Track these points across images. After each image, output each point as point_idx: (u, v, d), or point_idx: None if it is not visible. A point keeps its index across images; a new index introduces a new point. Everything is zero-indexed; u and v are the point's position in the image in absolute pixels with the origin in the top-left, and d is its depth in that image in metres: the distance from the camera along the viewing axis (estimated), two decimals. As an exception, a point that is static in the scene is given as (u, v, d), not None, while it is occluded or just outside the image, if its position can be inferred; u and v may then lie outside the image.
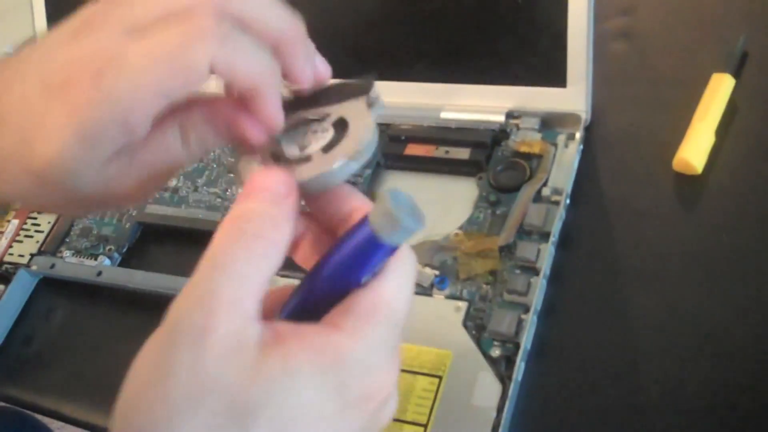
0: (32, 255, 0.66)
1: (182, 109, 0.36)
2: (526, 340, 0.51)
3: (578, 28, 0.57)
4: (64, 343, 0.63)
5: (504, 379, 0.49)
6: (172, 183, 0.66)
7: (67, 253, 0.65)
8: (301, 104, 0.40)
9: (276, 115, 0.36)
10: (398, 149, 0.63)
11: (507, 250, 0.55)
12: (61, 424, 0.61)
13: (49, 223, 0.67)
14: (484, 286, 0.54)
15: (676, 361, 0.49)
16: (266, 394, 0.30)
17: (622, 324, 0.52)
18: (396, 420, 0.49)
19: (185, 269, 0.58)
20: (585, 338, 0.52)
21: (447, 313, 0.53)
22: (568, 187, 0.57)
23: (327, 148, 0.38)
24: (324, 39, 0.68)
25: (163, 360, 0.29)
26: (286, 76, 0.38)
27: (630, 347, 0.51)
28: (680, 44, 0.65)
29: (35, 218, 0.68)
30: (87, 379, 0.60)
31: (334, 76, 0.65)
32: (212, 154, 0.68)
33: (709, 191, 0.56)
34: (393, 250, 0.34)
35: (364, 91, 0.41)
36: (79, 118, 0.32)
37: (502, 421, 0.48)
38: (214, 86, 0.36)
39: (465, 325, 0.52)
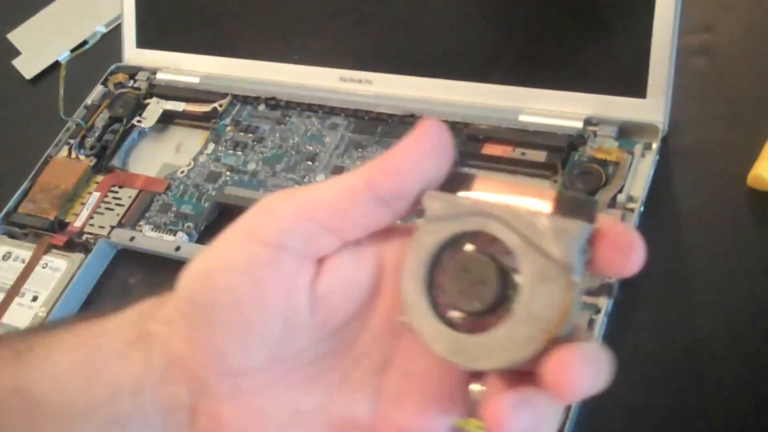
0: (112, 227, 0.68)
1: None
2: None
3: (662, 41, 0.59)
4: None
5: (574, 376, 0.51)
6: (251, 166, 0.69)
7: (146, 228, 0.67)
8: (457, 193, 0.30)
9: None
10: (475, 148, 0.64)
11: (580, 252, 0.56)
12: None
13: (129, 197, 0.70)
14: (557, 285, 0.55)
15: (745, 373, 0.50)
16: None
17: (690, 331, 0.53)
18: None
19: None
20: (653, 342, 0.53)
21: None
22: (643, 196, 0.58)
23: (478, 316, 0.29)
24: (407, 37, 0.70)
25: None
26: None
27: (698, 355, 0.52)
28: (759, 63, 0.66)
29: (116, 191, 0.70)
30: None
31: (417, 74, 0.68)
32: (291, 141, 0.70)
33: (783, 208, 0.57)
34: None
35: (577, 216, 0.28)
36: None
37: (569, 419, 0.49)
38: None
39: (536, 322, 0.54)
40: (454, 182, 0.31)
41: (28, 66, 0.88)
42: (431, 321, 0.30)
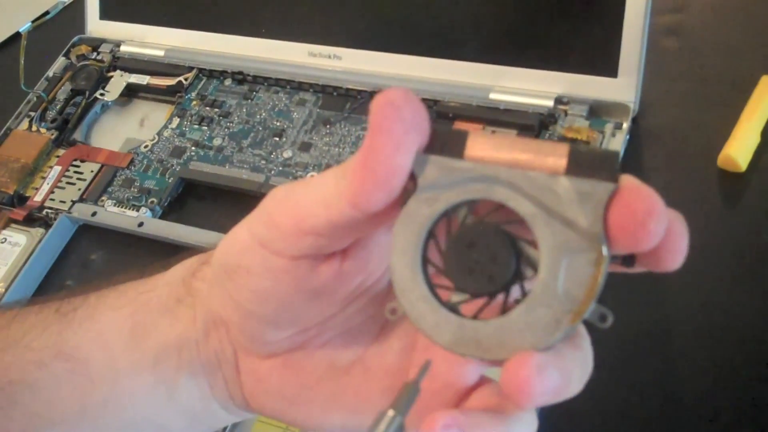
0: (73, 202, 0.66)
1: None
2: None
3: (634, 20, 0.58)
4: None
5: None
6: (217, 141, 0.67)
7: (108, 203, 0.66)
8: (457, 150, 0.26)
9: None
10: (445, 126, 0.63)
11: (550, 232, 0.56)
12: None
13: (92, 171, 0.68)
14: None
15: (715, 352, 0.50)
16: None
17: (659, 311, 0.53)
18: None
19: (224, 227, 0.60)
20: (620, 324, 0.53)
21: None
22: (613, 175, 0.58)
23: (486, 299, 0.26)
24: (377, 13, 0.69)
25: None
26: None
27: (666, 334, 0.52)
28: (730, 44, 0.66)
29: (78, 166, 0.69)
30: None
31: (386, 50, 0.67)
32: (258, 116, 0.68)
33: (752, 189, 0.57)
34: None
35: (599, 181, 0.24)
36: None
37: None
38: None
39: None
40: (444, 142, 0.26)
41: (-13, 36, 0.86)
42: (431, 307, 0.26)
